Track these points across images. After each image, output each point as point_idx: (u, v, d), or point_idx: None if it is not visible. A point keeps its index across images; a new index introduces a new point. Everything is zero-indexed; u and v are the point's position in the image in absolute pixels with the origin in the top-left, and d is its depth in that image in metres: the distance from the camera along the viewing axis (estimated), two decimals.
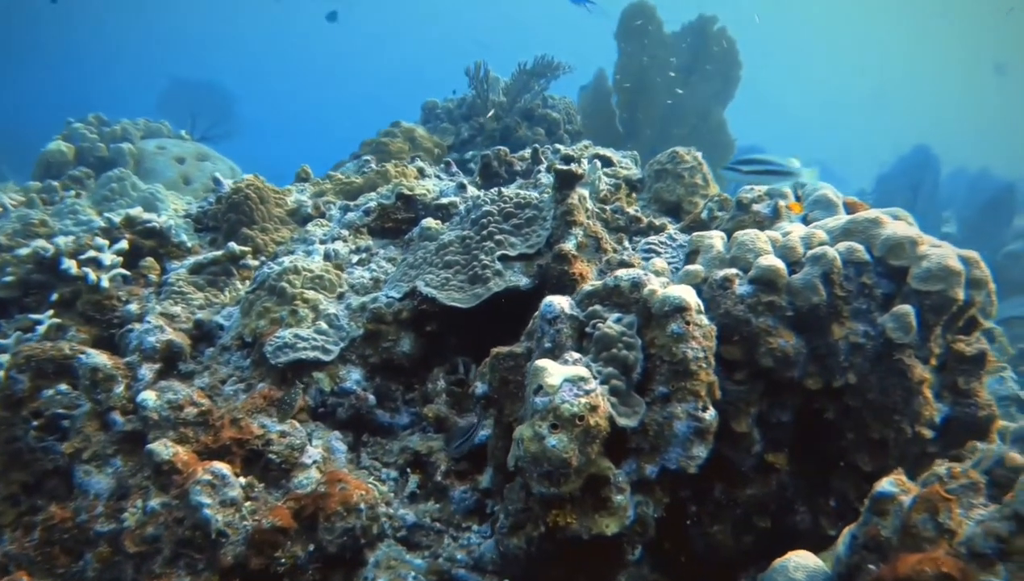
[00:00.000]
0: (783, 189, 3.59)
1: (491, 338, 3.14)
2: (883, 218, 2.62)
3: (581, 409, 2.10)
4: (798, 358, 2.48)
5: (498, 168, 5.02)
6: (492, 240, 3.48)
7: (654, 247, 3.67)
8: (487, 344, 3.05)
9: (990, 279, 2.59)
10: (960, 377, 2.59)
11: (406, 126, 8.42)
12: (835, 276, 2.47)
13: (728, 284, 2.56)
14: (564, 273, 3.31)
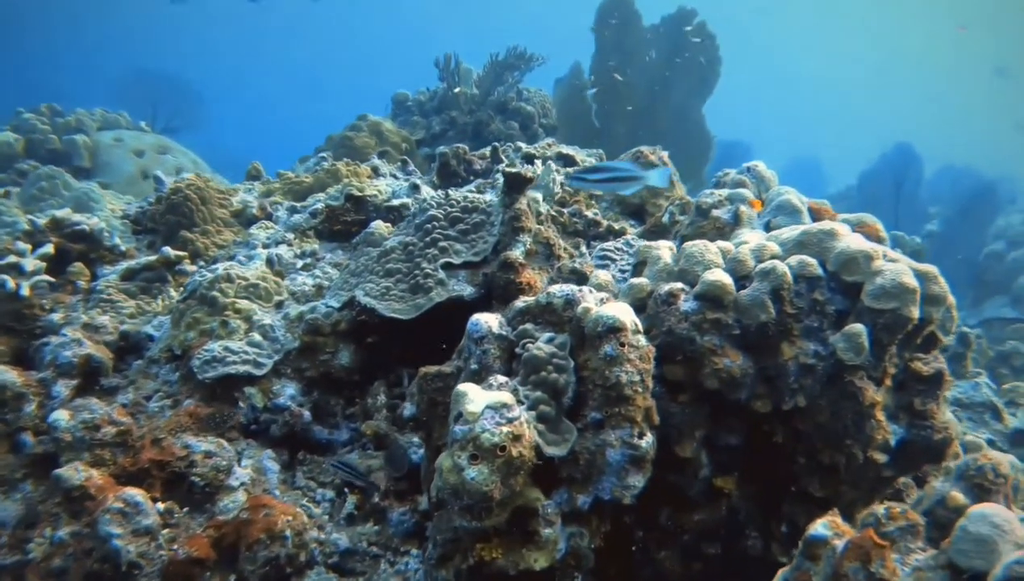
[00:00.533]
0: (745, 193, 3.41)
1: (438, 348, 2.98)
2: (838, 230, 2.45)
3: (503, 439, 1.93)
4: (745, 379, 2.31)
5: (456, 167, 4.83)
6: (436, 247, 3.29)
7: (609, 254, 3.49)
8: (434, 354, 2.89)
9: (949, 294, 2.43)
10: (916, 398, 2.44)
11: (373, 120, 8.20)
12: (785, 292, 2.30)
13: (672, 300, 2.39)
14: (510, 282, 3.13)
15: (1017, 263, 9.42)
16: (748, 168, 3.68)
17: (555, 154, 4.75)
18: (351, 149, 7.90)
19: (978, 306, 9.42)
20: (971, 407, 5.45)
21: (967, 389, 5.57)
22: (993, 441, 5.25)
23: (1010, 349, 7.40)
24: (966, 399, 5.49)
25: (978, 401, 5.47)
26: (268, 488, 3.04)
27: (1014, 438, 5.23)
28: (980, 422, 5.38)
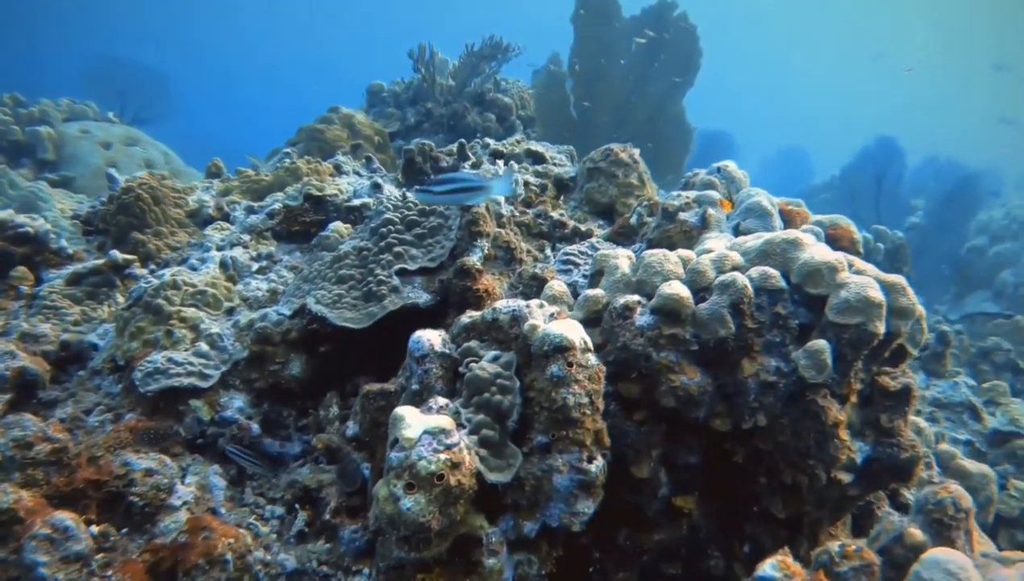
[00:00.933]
0: (712, 196, 3.29)
1: (396, 355, 2.87)
2: (803, 239, 2.33)
3: (440, 467, 1.80)
4: (703, 397, 2.19)
5: (423, 164, 4.68)
6: (391, 252, 3.15)
7: (572, 258, 3.36)
8: (391, 363, 2.77)
9: (918, 306, 2.32)
10: (883, 414, 2.32)
11: (345, 112, 8.02)
12: (745, 306, 2.18)
13: (628, 313, 2.27)
14: (467, 289, 3.00)
15: (999, 258, 9.36)
16: (718, 168, 3.56)
17: (524, 151, 4.61)
18: (322, 142, 7.73)
19: (960, 301, 9.36)
20: (950, 407, 5.38)
21: (946, 389, 5.49)
22: (972, 442, 5.18)
23: (991, 345, 7.33)
24: (945, 399, 5.42)
25: (957, 401, 5.39)
26: (213, 506, 2.91)
27: (993, 439, 5.16)
28: (959, 422, 5.30)
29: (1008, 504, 4.75)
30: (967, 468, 3.13)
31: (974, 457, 5.14)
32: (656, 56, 8.65)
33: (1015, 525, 4.72)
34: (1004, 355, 7.27)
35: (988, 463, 5.08)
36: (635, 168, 4.18)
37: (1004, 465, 4.97)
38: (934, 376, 5.61)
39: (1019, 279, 8.79)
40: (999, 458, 5.04)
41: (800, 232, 2.38)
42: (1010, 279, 8.90)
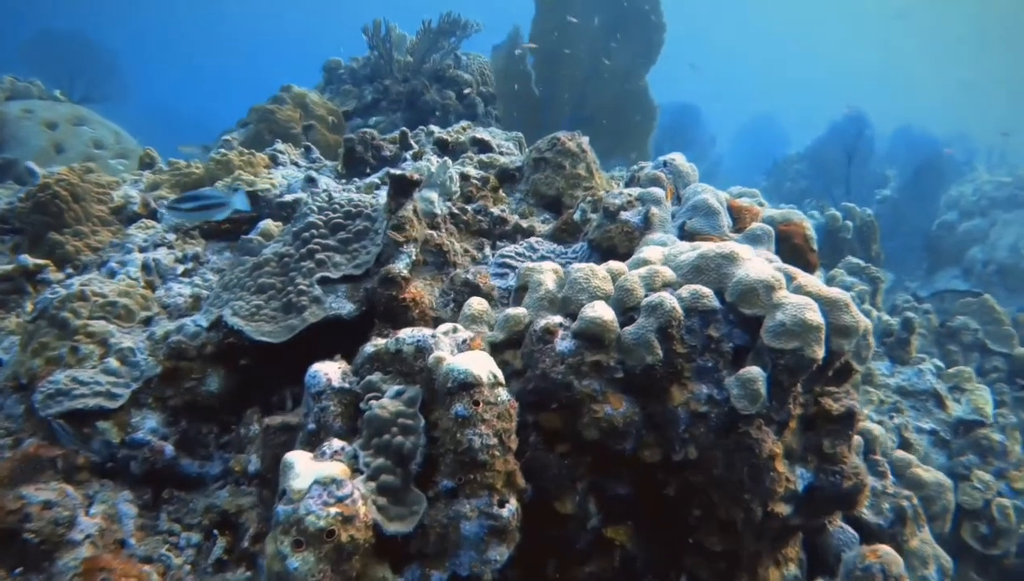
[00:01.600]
0: (656, 193, 3.10)
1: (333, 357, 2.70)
2: (738, 254, 2.14)
3: (330, 522, 1.62)
4: (629, 428, 2.02)
5: (364, 154, 4.45)
6: (313, 259, 2.94)
7: (509, 260, 3.16)
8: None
9: (862, 321, 2.15)
10: (826, 439, 2.16)
11: (297, 91, 7.73)
12: (674, 330, 1.99)
13: (548, 337, 2.08)
14: (393, 299, 2.80)
15: (968, 234, 9.26)
16: (664, 162, 3.36)
17: (470, 139, 4.38)
18: (274, 123, 7.45)
19: (930, 277, 9.27)
20: (914, 395, 5.26)
21: (910, 376, 5.37)
22: (936, 431, 5.08)
23: (959, 325, 7.22)
24: (909, 387, 5.30)
25: (921, 389, 5.27)
26: (122, 537, 2.71)
27: (957, 428, 5.05)
28: (923, 411, 5.19)
29: (971, 496, 4.66)
30: (923, 477, 2.99)
31: (938, 447, 5.04)
32: (618, 28, 8.38)
33: (978, 517, 4.63)
34: (972, 335, 7.17)
35: (952, 453, 4.99)
36: (583, 158, 3.97)
37: (968, 455, 4.87)
38: (899, 363, 5.49)
39: (987, 256, 8.70)
40: (963, 448, 4.94)
41: (736, 245, 2.19)
42: (979, 256, 8.81)
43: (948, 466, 4.88)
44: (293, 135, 7.53)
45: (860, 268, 6.80)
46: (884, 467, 2.90)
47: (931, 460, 4.90)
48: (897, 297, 9.04)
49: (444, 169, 3.24)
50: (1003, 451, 4.85)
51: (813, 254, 3.37)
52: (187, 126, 14.98)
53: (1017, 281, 8.43)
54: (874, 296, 6.65)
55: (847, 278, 6.46)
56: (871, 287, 6.65)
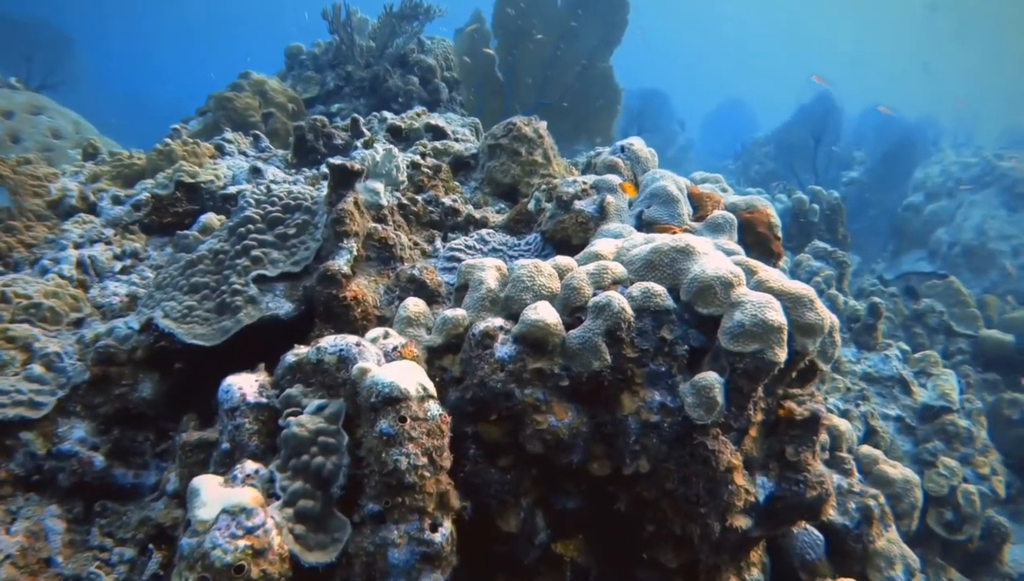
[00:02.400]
0: (611, 181, 2.96)
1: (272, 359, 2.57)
2: (694, 247, 2.01)
3: (239, 557, 1.47)
4: (576, 440, 1.89)
5: (315, 142, 4.27)
6: (248, 256, 2.77)
7: (459, 254, 3.02)
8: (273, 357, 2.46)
9: (827, 318, 2.03)
10: (788, 446, 2.05)
11: (256, 78, 7.48)
12: (623, 333, 1.86)
13: (488, 342, 1.94)
14: (333, 298, 2.64)
15: (934, 216, 9.24)
16: (622, 147, 3.23)
17: (424, 125, 4.22)
18: (231, 111, 7.21)
19: (897, 259, 9.25)
20: (880, 381, 5.21)
21: (876, 362, 5.32)
22: (902, 417, 5.03)
23: (924, 307, 7.22)
24: (875, 373, 5.24)
25: (888, 375, 5.22)
26: (48, 555, 2.54)
27: (923, 413, 5.01)
28: (889, 397, 5.14)
29: (937, 482, 4.62)
30: (889, 474, 2.91)
31: (904, 433, 4.99)
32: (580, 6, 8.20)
33: (944, 504, 4.59)
34: (937, 317, 7.17)
35: (918, 439, 4.94)
36: (540, 144, 3.82)
37: (934, 442, 4.83)
38: (865, 349, 5.43)
39: (953, 238, 8.69)
40: (929, 434, 4.90)
41: (692, 238, 2.06)
42: (944, 238, 8.80)
43: (914, 453, 4.84)
44: (252, 123, 7.30)
45: (827, 252, 6.74)
46: (850, 464, 2.81)
47: (897, 447, 4.86)
48: (864, 280, 9.03)
49: (390, 158, 3.08)
50: (969, 437, 4.81)
51: (777, 242, 3.26)
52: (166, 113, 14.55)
53: (982, 262, 8.43)
54: (840, 280, 6.60)
55: (814, 263, 6.39)
56: (837, 271, 6.60)
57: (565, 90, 8.17)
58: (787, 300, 1.96)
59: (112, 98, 28.36)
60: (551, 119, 8.55)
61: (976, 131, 15.83)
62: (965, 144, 14.30)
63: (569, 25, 8.00)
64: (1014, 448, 6.03)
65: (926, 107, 19.49)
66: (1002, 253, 8.33)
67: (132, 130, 8.91)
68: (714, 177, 3.92)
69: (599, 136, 8.18)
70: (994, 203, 8.76)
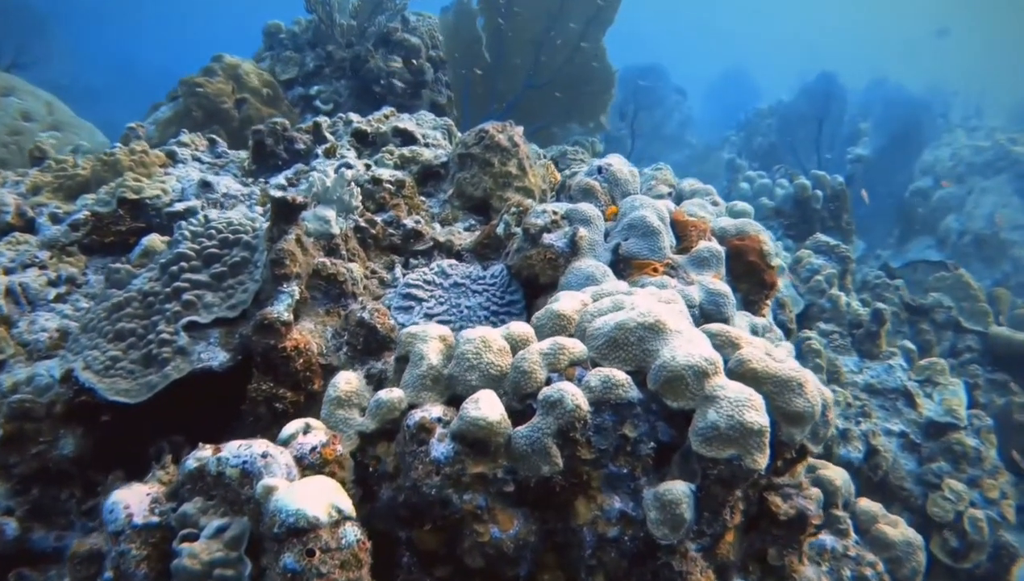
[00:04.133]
0: (585, 211, 2.65)
1: (202, 415, 2.42)
2: (666, 324, 1.72)
3: None
4: (523, 552, 1.61)
5: (275, 147, 3.95)
6: (180, 300, 2.48)
7: (415, 291, 2.72)
8: (201, 423, 2.34)
9: (819, 400, 1.74)
10: (771, 547, 1.77)
11: (230, 61, 7.13)
12: (578, 433, 1.58)
13: (424, 436, 1.66)
14: (271, 349, 2.35)
15: (943, 202, 8.88)
16: (600, 168, 2.92)
17: (392, 129, 3.89)
18: (203, 98, 6.89)
19: (903, 245, 8.91)
20: (883, 393, 4.92)
21: (880, 372, 5.03)
22: (906, 433, 4.75)
23: (932, 302, 6.89)
24: (878, 384, 4.96)
25: (891, 387, 4.93)
26: None
27: (928, 430, 4.73)
28: (893, 410, 4.86)
29: (942, 507, 4.36)
30: (889, 536, 2.63)
31: (908, 451, 4.72)
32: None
33: (949, 530, 4.34)
34: (945, 313, 6.85)
35: (923, 457, 4.67)
36: (515, 153, 3.50)
37: (939, 461, 4.56)
38: (868, 358, 5.14)
39: (963, 226, 8.34)
40: (934, 452, 4.62)
41: (663, 312, 1.76)
42: (954, 226, 8.45)
43: (918, 473, 4.58)
44: (224, 110, 6.98)
45: (829, 247, 6.42)
46: (846, 524, 2.54)
47: (900, 467, 4.59)
48: (868, 269, 8.71)
49: (342, 182, 2.77)
50: (977, 457, 4.54)
51: (771, 271, 2.97)
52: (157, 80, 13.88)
53: (994, 252, 8.09)
54: (843, 276, 6.28)
55: (814, 260, 6.08)
56: (840, 267, 6.28)
57: (556, 72, 7.79)
58: (772, 385, 1.68)
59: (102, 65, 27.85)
60: (541, 102, 8.20)
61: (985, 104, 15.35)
62: (975, 117, 13.88)
63: (560, 3, 7.60)
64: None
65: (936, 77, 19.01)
66: (1015, 243, 7.99)
67: (123, 96, 8.46)
68: (705, 189, 3.60)
69: (591, 120, 7.83)
70: (1007, 190, 8.39)
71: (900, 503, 4.56)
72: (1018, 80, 22.61)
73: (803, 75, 14.02)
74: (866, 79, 16.47)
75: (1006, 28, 34.43)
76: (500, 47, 7.76)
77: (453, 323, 2.64)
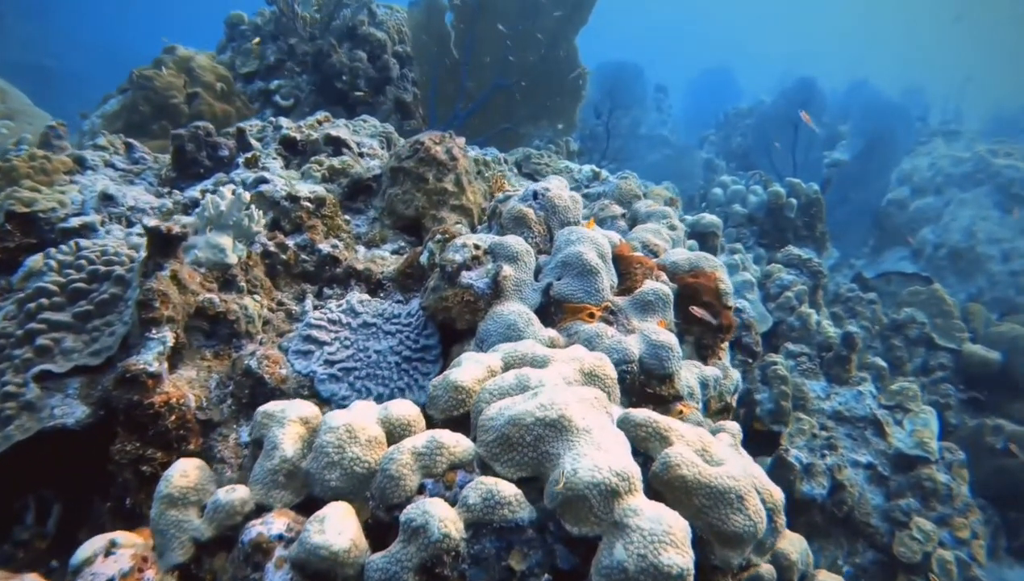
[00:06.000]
0: (511, 246, 2.33)
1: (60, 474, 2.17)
2: (569, 419, 1.39)
3: None
4: None
5: (196, 153, 3.59)
6: (33, 345, 2.13)
7: (316, 333, 2.38)
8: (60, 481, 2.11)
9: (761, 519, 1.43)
10: None
11: (182, 53, 6.75)
12: (446, 569, 1.25)
13: (260, 559, 1.33)
14: (136, 405, 2.02)
15: (920, 213, 8.62)
16: (535, 193, 2.59)
17: (324, 137, 3.54)
18: (151, 92, 6.52)
19: (877, 256, 8.65)
20: (851, 421, 4.64)
21: (848, 399, 4.75)
22: (873, 464, 4.48)
23: (905, 317, 6.65)
24: (846, 411, 4.68)
25: (860, 415, 4.65)
26: None
27: (897, 462, 4.46)
28: (861, 440, 4.58)
29: (909, 547, 4.09)
30: None
31: (875, 483, 4.45)
32: None
33: (916, 571, 4.07)
34: (918, 329, 6.62)
35: (890, 491, 4.40)
36: (452, 168, 3.17)
37: (908, 497, 4.29)
38: (837, 383, 4.86)
39: (940, 239, 8.08)
40: (902, 486, 4.35)
41: (572, 405, 1.43)
42: (930, 238, 8.19)
43: (885, 509, 4.31)
44: (173, 105, 6.59)
45: (800, 261, 6.14)
46: None
47: (867, 501, 4.32)
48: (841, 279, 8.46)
49: (239, 204, 2.43)
50: (948, 494, 4.28)
51: (727, 312, 2.65)
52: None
53: (969, 266, 7.85)
54: (815, 292, 6.01)
55: (784, 276, 5.79)
56: (812, 282, 6.00)
57: (527, 71, 7.45)
58: (705, 497, 1.37)
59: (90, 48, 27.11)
60: (511, 102, 7.85)
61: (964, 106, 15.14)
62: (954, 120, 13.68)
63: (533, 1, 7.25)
64: (993, 478, 5.53)
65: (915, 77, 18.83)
66: (991, 257, 7.74)
67: (112, 82, 8.07)
68: (662, 211, 3.29)
69: (561, 121, 7.49)
70: (986, 203, 8.14)
71: (865, 540, 4.30)
72: (998, 80, 22.52)
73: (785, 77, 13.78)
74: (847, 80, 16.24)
75: (986, 26, 34.42)
76: (470, 44, 7.40)
77: (358, 371, 2.32)
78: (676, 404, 2.22)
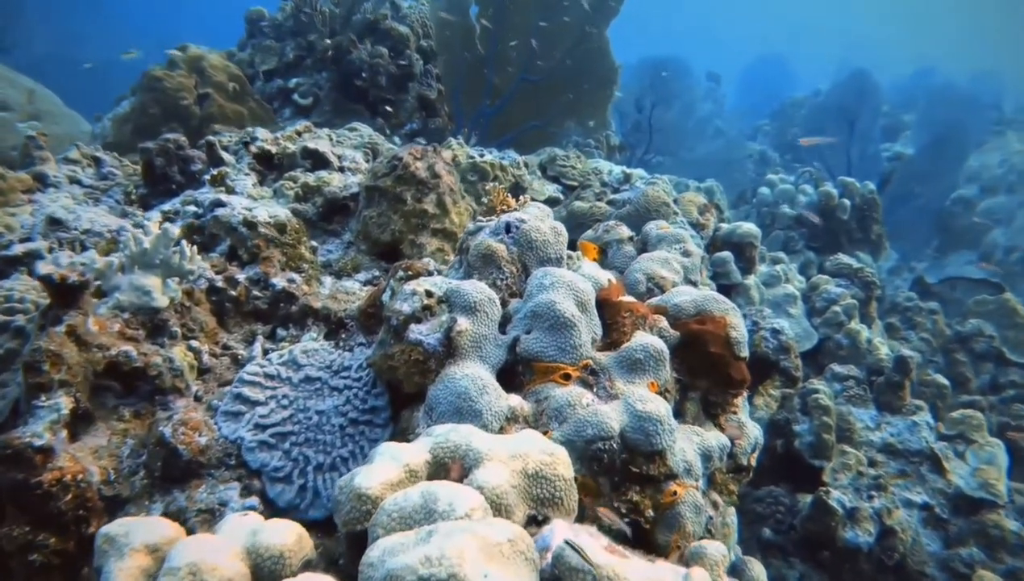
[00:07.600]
0: (469, 294, 1.95)
1: None
2: (463, 578, 1.02)
3: None
4: None
5: (166, 168, 3.30)
6: None
7: (249, 391, 2.05)
8: None
9: None
10: None
11: (194, 52, 6.55)
12: None
13: None
14: (21, 485, 1.72)
15: (989, 214, 7.91)
16: (508, 225, 2.20)
17: (301, 150, 3.22)
18: (161, 93, 6.34)
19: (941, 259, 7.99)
20: (905, 456, 4.14)
21: (902, 430, 4.24)
22: (930, 505, 3.98)
23: (971, 329, 6.06)
24: (899, 444, 4.17)
25: (914, 448, 4.14)
26: None
27: (958, 503, 3.95)
28: (916, 476, 4.08)
29: None
30: None
31: (932, 527, 3.95)
32: None
33: None
34: (986, 343, 6.02)
35: (950, 536, 3.90)
36: (434, 187, 2.81)
37: (970, 546, 3.78)
38: (889, 411, 4.35)
39: (1011, 242, 7.40)
40: (964, 533, 3.85)
41: (474, 557, 1.05)
42: (1000, 241, 7.50)
43: (943, 557, 3.81)
44: (183, 107, 6.40)
45: (851, 271, 5.61)
46: None
47: (921, 548, 3.83)
48: (900, 282, 7.86)
49: (166, 241, 2.11)
50: (1019, 545, 3.75)
51: (738, 365, 2.23)
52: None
53: None
54: (867, 304, 5.48)
55: (832, 289, 5.28)
56: (864, 294, 5.47)
57: (555, 66, 7.05)
58: None
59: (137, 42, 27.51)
60: (539, 98, 7.47)
61: None
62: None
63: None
64: None
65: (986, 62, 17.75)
66: None
67: None
68: (675, 235, 2.86)
69: (592, 119, 7.07)
70: None
71: None
72: None
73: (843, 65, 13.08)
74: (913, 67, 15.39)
75: None
76: (496, 38, 7.03)
77: (295, 436, 1.98)
78: (669, 483, 1.84)
